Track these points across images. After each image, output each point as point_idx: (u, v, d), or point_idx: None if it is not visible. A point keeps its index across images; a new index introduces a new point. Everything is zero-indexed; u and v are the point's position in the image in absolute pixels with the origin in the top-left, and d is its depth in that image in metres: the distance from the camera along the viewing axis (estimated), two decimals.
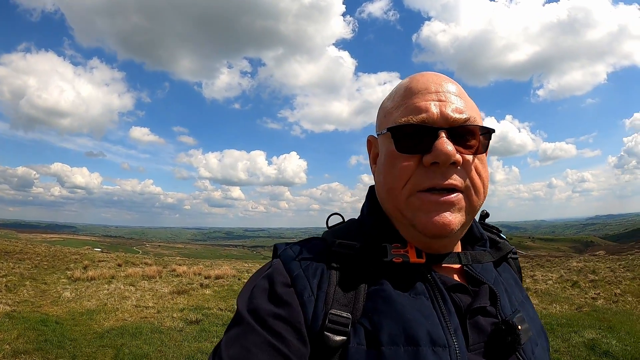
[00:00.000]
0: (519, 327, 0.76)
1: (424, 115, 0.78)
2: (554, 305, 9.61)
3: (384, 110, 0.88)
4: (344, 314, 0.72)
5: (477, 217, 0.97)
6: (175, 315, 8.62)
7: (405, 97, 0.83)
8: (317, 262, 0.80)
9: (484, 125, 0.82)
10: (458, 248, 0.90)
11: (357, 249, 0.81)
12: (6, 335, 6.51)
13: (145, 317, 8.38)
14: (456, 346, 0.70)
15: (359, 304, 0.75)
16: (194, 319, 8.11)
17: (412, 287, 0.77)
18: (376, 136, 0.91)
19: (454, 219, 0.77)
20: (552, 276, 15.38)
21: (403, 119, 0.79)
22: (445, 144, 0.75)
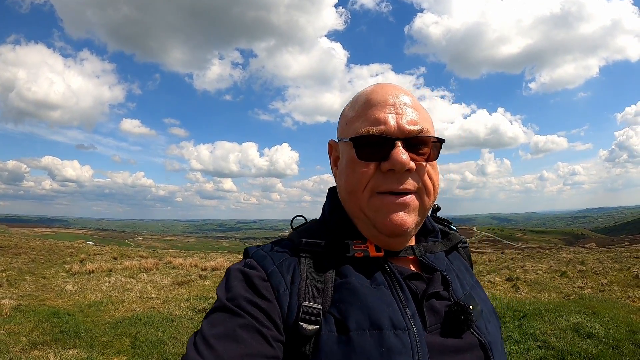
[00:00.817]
0: (470, 306, 0.86)
1: (382, 127, 0.87)
2: (543, 293, 9.99)
3: (346, 118, 0.97)
4: (316, 306, 0.80)
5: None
6: (182, 304, 8.88)
7: (365, 107, 0.91)
8: (289, 260, 0.88)
9: (435, 135, 0.92)
10: (412, 241, 0.99)
11: (322, 246, 0.90)
12: (21, 328, 6.68)
13: (153, 307, 8.63)
14: (414, 328, 0.80)
15: (328, 296, 0.83)
16: (201, 308, 8.36)
17: (373, 278, 0.87)
18: (337, 141, 1.00)
19: (409, 218, 0.87)
20: (541, 267, 15.71)
21: (363, 130, 0.88)
22: (401, 153, 0.84)
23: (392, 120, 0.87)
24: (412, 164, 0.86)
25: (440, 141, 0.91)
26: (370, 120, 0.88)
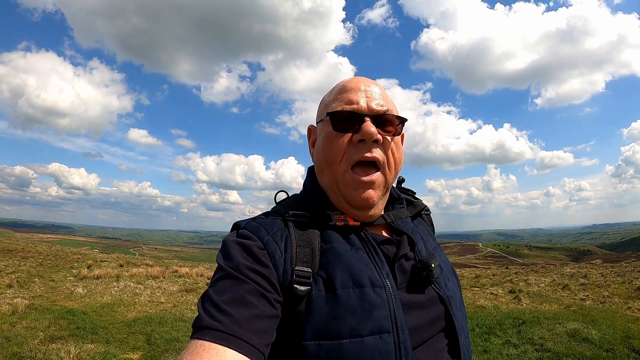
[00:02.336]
0: (432, 264, 1.01)
1: (355, 105, 1.03)
2: (544, 304, 10.12)
3: (324, 103, 1.12)
4: (306, 269, 0.92)
5: (395, 183, 1.27)
6: (193, 308, 9.11)
7: (340, 92, 1.07)
8: (281, 230, 0.99)
9: (400, 115, 1.08)
10: (382, 210, 1.13)
11: (307, 217, 1.03)
12: (37, 324, 6.95)
13: (165, 310, 8.88)
14: (389, 286, 0.93)
15: (316, 260, 0.94)
16: None
17: (352, 244, 1.00)
18: (315, 125, 1.15)
19: (375, 194, 1.02)
20: (544, 280, 15.83)
21: (339, 108, 1.04)
22: (370, 126, 0.99)
23: (363, 102, 1.03)
24: (379, 136, 1.01)
25: (402, 121, 1.08)
26: (345, 101, 1.04)
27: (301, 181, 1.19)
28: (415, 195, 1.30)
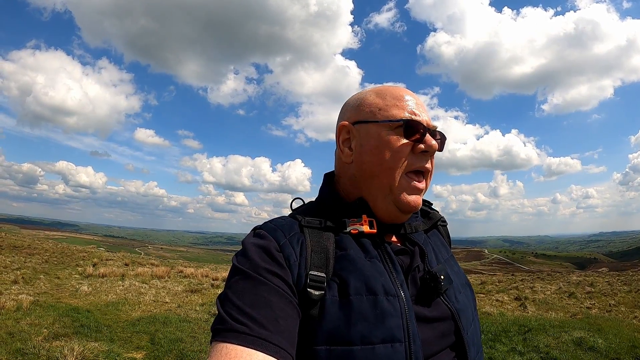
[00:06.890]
0: (441, 276, 0.99)
1: (418, 117, 1.04)
2: (550, 312, 10.07)
3: (374, 106, 1.07)
4: (320, 274, 0.91)
5: None
6: (197, 308, 9.17)
7: (398, 100, 1.07)
8: (297, 234, 0.99)
9: (444, 134, 1.13)
10: None
11: (322, 223, 1.02)
12: (42, 321, 7.00)
13: (169, 310, 8.92)
14: (403, 296, 0.92)
15: (330, 266, 0.94)
16: (217, 312, 8.59)
17: (367, 252, 0.99)
18: (350, 124, 1.10)
19: (420, 200, 1.05)
20: (550, 288, 15.76)
21: (405, 116, 1.04)
22: (433, 139, 1.04)
23: (423, 115, 1.06)
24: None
25: (444, 139, 1.13)
26: (408, 110, 1.04)
27: (307, 184, 1.19)
28: (432, 207, 1.28)
